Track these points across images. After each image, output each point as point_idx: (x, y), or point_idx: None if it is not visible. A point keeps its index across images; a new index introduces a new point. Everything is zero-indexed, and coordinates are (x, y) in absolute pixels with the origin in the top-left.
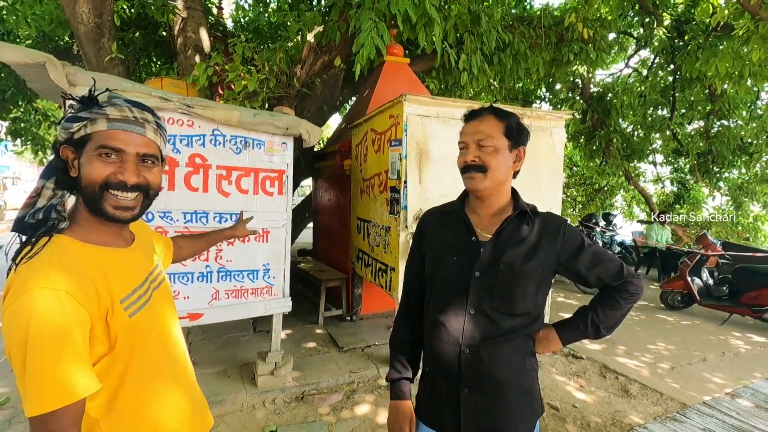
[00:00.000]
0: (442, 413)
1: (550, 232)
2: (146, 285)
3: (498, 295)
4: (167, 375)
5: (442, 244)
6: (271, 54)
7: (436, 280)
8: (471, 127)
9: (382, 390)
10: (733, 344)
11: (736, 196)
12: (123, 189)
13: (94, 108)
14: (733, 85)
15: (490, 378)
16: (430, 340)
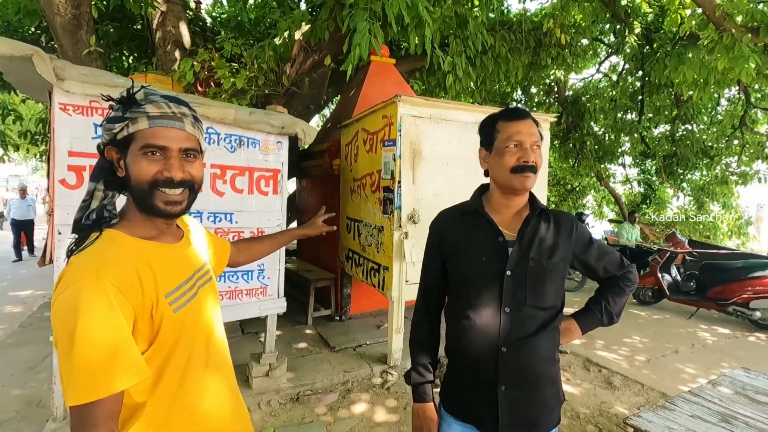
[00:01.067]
0: (479, 410)
1: (566, 228)
2: (193, 281)
3: (530, 292)
4: (212, 372)
5: (469, 245)
6: (260, 51)
7: (466, 281)
8: (527, 127)
9: (377, 388)
10: (701, 336)
11: (698, 196)
12: (170, 186)
13: (134, 107)
14: (699, 91)
15: (526, 373)
16: (462, 339)
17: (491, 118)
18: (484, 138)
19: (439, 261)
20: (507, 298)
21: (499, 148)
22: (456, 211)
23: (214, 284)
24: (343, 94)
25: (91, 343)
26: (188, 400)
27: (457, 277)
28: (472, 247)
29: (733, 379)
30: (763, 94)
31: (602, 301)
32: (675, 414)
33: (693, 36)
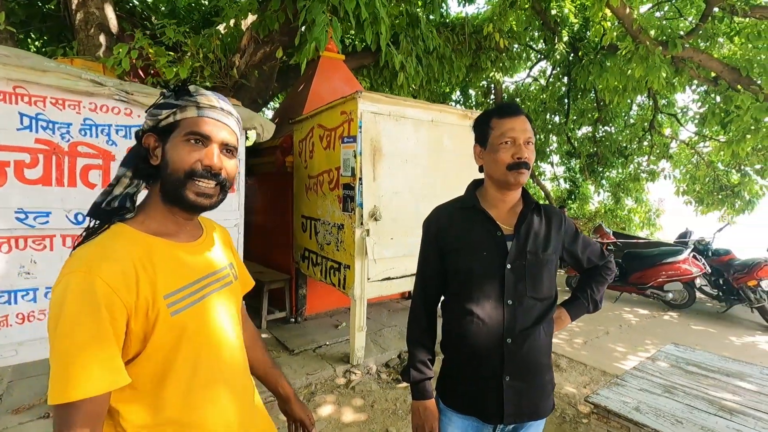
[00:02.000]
0: (485, 401)
1: (556, 221)
2: (201, 284)
3: (530, 284)
4: (221, 385)
5: (469, 240)
6: (205, 40)
7: (468, 276)
8: (520, 124)
9: (341, 389)
10: (626, 318)
11: (615, 192)
12: (206, 176)
13: (185, 96)
14: (618, 97)
15: (529, 363)
16: (465, 333)
17: (485, 115)
18: (479, 134)
19: (437, 256)
20: (509, 290)
21: (493, 145)
22: (452, 207)
23: (233, 290)
24: (292, 88)
25: (68, 343)
26: (193, 418)
27: (459, 273)
28: (472, 243)
29: (668, 354)
30: (668, 101)
31: (587, 289)
32: (626, 389)
33: (613, 46)
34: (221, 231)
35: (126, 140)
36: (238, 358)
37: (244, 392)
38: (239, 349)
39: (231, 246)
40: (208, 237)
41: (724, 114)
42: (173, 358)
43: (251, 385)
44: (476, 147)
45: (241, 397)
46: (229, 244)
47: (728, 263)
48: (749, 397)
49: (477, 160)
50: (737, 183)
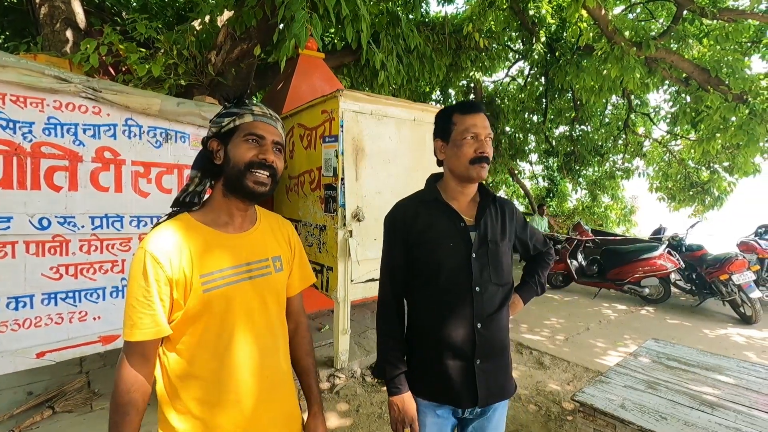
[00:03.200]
0: (457, 386)
1: (509, 212)
2: (239, 269)
3: (493, 271)
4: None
5: (435, 233)
6: (179, 36)
7: (436, 267)
8: (481, 120)
9: (325, 394)
10: (605, 313)
11: (592, 189)
12: (263, 167)
13: (242, 106)
14: (594, 96)
15: (495, 345)
16: (437, 322)
17: (447, 111)
18: (440, 129)
19: (403, 251)
20: (476, 278)
21: (456, 140)
22: (414, 201)
23: (270, 281)
24: (271, 87)
25: (129, 300)
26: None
27: (429, 265)
28: (439, 235)
29: (649, 350)
30: (642, 101)
31: (535, 275)
32: (611, 386)
33: (589, 47)
34: (281, 225)
35: (94, 140)
36: (267, 341)
37: (271, 373)
38: (269, 334)
39: (288, 240)
40: (258, 230)
41: (694, 113)
42: (199, 328)
43: (281, 370)
44: (437, 141)
45: (266, 378)
46: (286, 238)
47: (701, 258)
48: (728, 390)
49: (438, 155)
50: (707, 180)
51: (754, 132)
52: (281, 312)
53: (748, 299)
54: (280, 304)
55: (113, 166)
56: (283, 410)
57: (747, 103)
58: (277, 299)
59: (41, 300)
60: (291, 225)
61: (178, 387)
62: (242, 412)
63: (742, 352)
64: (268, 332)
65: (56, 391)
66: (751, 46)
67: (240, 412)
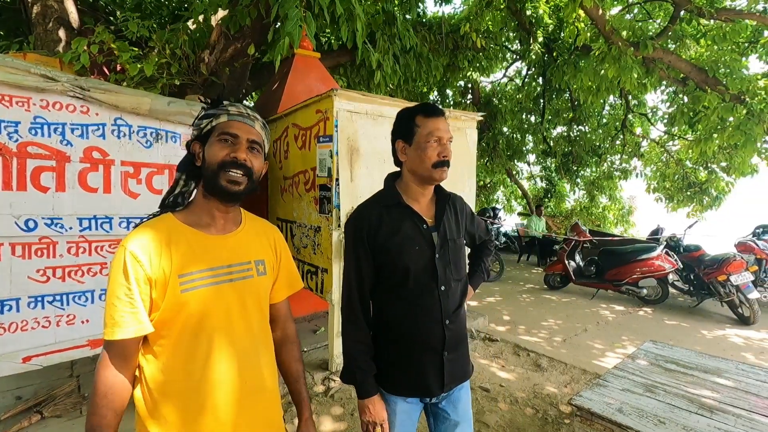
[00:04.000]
0: (428, 378)
1: (460, 207)
2: (219, 271)
3: (454, 268)
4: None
5: (401, 238)
6: (171, 35)
7: (404, 271)
8: (443, 124)
9: (320, 397)
10: (602, 314)
11: (590, 190)
12: (235, 165)
13: (220, 106)
14: (592, 97)
15: (459, 337)
16: (407, 323)
17: (410, 112)
18: (403, 131)
19: (369, 256)
20: (441, 278)
21: (420, 143)
22: (376, 205)
23: (252, 284)
24: (266, 87)
25: (109, 299)
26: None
27: (397, 269)
28: (406, 239)
29: (647, 352)
30: (639, 101)
31: (481, 263)
32: (609, 389)
33: (587, 47)
34: (267, 230)
35: (83, 140)
36: (246, 345)
37: (251, 378)
38: (248, 338)
39: (274, 246)
40: (241, 232)
41: (692, 114)
42: (176, 330)
43: (262, 375)
44: (399, 143)
45: (245, 383)
46: (272, 243)
47: (699, 259)
48: (727, 393)
49: (400, 156)
50: (705, 180)
51: (751, 132)
52: (263, 317)
53: (746, 300)
54: (262, 309)
55: (102, 166)
56: (264, 418)
57: (744, 103)
58: (258, 303)
59: (28, 303)
60: (278, 231)
61: (154, 391)
62: (218, 418)
63: (740, 353)
64: (248, 336)
65: (45, 396)
66: (749, 46)
67: (216, 419)
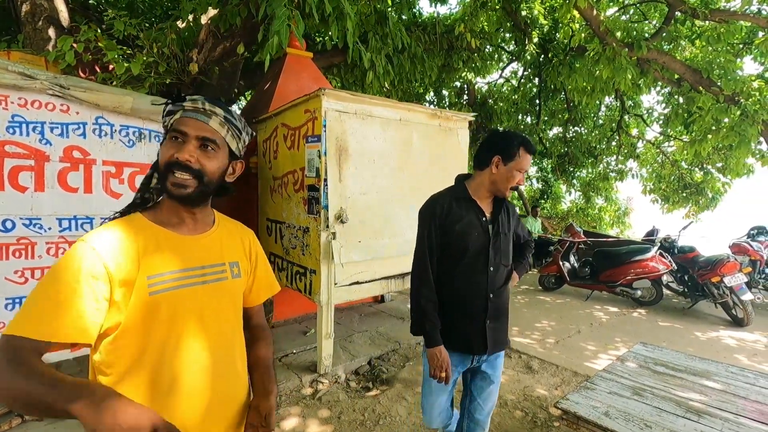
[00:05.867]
0: (473, 340)
1: (511, 210)
2: (191, 273)
3: (503, 255)
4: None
5: (465, 223)
6: (159, 34)
7: (463, 252)
8: (530, 162)
9: (307, 400)
10: (596, 316)
11: (586, 191)
12: (178, 166)
13: (178, 102)
14: (587, 98)
15: (501, 310)
16: (461, 293)
17: (518, 140)
18: (506, 152)
19: (438, 233)
20: (491, 261)
21: (512, 169)
22: (447, 197)
23: (224, 287)
24: (258, 87)
25: (42, 289)
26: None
27: (458, 248)
28: (468, 225)
29: (636, 354)
30: (635, 102)
31: (524, 257)
32: (596, 393)
33: (581, 48)
34: (241, 233)
35: (63, 139)
36: (220, 351)
37: (225, 388)
38: (222, 343)
39: (249, 249)
40: (214, 233)
41: (686, 115)
42: (145, 334)
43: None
44: (497, 157)
45: (219, 392)
46: (247, 246)
47: (693, 260)
48: (715, 396)
49: (492, 167)
50: (700, 181)
51: (745, 133)
52: (237, 319)
53: (739, 301)
54: (236, 311)
55: (83, 166)
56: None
57: (739, 104)
58: (233, 306)
59: (5, 305)
60: (252, 233)
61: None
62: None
63: (733, 355)
64: (222, 341)
65: None
66: (743, 47)
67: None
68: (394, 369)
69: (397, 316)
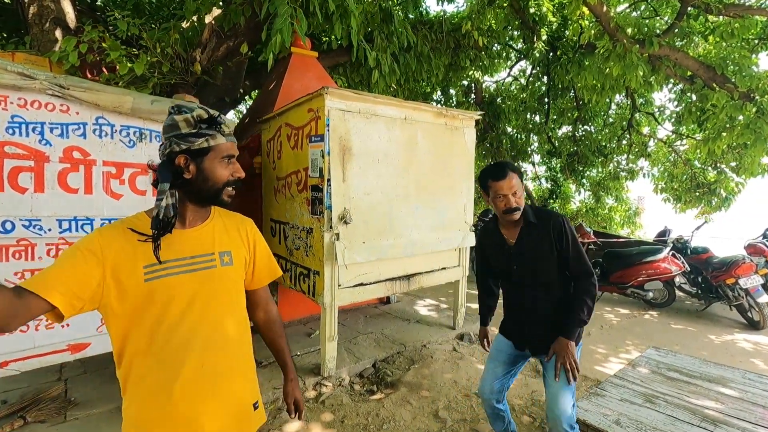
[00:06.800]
0: (513, 335)
1: (551, 226)
2: (181, 262)
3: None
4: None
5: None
6: (163, 34)
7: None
8: (506, 183)
9: (311, 403)
10: (607, 318)
11: (596, 191)
12: (238, 183)
13: (215, 127)
14: (596, 96)
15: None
16: (507, 300)
17: (485, 174)
18: (483, 187)
19: (481, 257)
20: (517, 279)
21: (492, 198)
22: (491, 226)
23: (220, 273)
24: (263, 87)
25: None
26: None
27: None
28: (494, 251)
29: (649, 359)
30: (646, 100)
31: (572, 310)
32: (606, 400)
33: (591, 45)
34: (239, 224)
35: (62, 139)
36: (207, 332)
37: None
38: (211, 326)
39: (245, 236)
40: (208, 226)
41: (700, 112)
42: (141, 315)
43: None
44: (484, 194)
45: (207, 368)
46: (244, 236)
47: (706, 261)
48: (732, 404)
49: (486, 203)
50: (714, 180)
51: (761, 131)
52: (233, 304)
53: (755, 304)
54: (231, 296)
55: (83, 166)
56: (233, 400)
57: (754, 101)
58: (225, 291)
59: None
60: (252, 223)
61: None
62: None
63: (749, 360)
64: (210, 324)
65: (30, 400)
66: (759, 42)
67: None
68: (399, 372)
69: (402, 317)
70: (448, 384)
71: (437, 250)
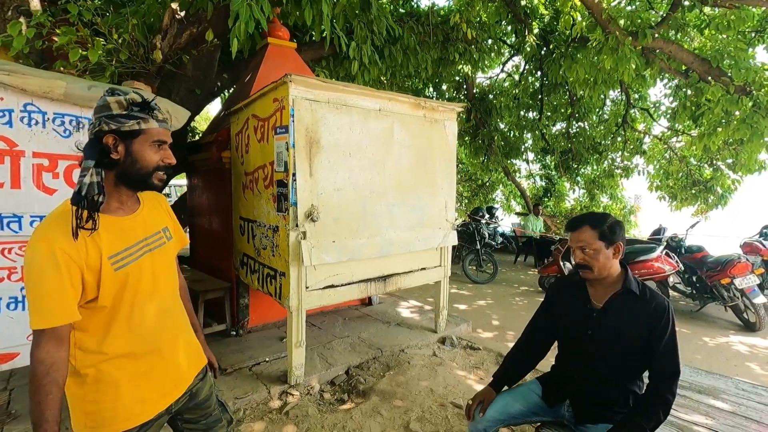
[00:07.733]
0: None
1: (650, 305)
2: (138, 246)
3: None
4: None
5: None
6: (121, 20)
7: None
8: (575, 236)
9: (273, 414)
10: None
11: (590, 188)
12: (168, 169)
13: (149, 111)
14: (589, 90)
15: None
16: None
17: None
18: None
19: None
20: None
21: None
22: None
23: (166, 249)
24: (240, 79)
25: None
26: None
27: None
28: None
29: None
30: (641, 96)
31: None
32: None
33: (584, 39)
34: (156, 199)
35: None
36: (168, 302)
37: (175, 325)
38: (173, 292)
39: (165, 210)
40: (144, 209)
41: (695, 107)
42: (119, 301)
43: (182, 320)
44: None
45: (175, 328)
46: (164, 209)
47: (701, 260)
48: (724, 420)
49: None
50: (710, 178)
51: (758, 126)
52: (174, 274)
53: (751, 305)
54: (173, 268)
55: (9, 158)
56: (192, 349)
57: (750, 95)
58: (169, 264)
59: None
60: (163, 197)
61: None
62: (164, 358)
63: (745, 363)
64: (170, 294)
65: None
66: (755, 35)
67: (162, 358)
68: (372, 379)
69: (383, 320)
70: (423, 392)
71: (416, 250)
